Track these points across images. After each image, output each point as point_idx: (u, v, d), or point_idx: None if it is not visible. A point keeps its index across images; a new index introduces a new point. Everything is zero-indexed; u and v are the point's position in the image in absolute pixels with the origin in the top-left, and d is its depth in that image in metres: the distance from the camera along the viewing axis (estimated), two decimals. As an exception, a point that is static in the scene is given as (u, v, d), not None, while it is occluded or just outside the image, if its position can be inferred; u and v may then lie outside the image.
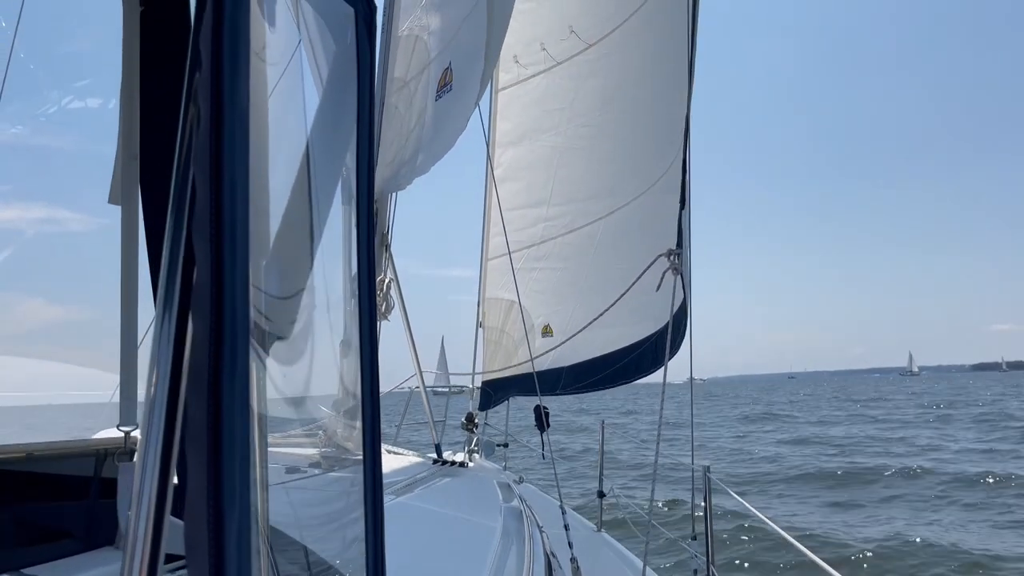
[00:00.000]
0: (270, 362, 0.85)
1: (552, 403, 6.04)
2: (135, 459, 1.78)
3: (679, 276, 3.60)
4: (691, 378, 3.98)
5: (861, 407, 45.51)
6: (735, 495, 3.84)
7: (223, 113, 0.59)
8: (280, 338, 0.93)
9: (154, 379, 0.62)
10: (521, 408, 7.10)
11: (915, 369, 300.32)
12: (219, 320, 0.55)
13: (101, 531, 1.75)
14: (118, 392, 1.82)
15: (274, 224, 0.92)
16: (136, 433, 1.80)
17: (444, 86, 3.66)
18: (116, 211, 1.80)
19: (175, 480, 0.62)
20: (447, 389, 6.68)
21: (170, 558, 0.70)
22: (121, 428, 1.79)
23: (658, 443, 3.54)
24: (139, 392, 1.80)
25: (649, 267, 3.80)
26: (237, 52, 0.61)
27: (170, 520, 0.62)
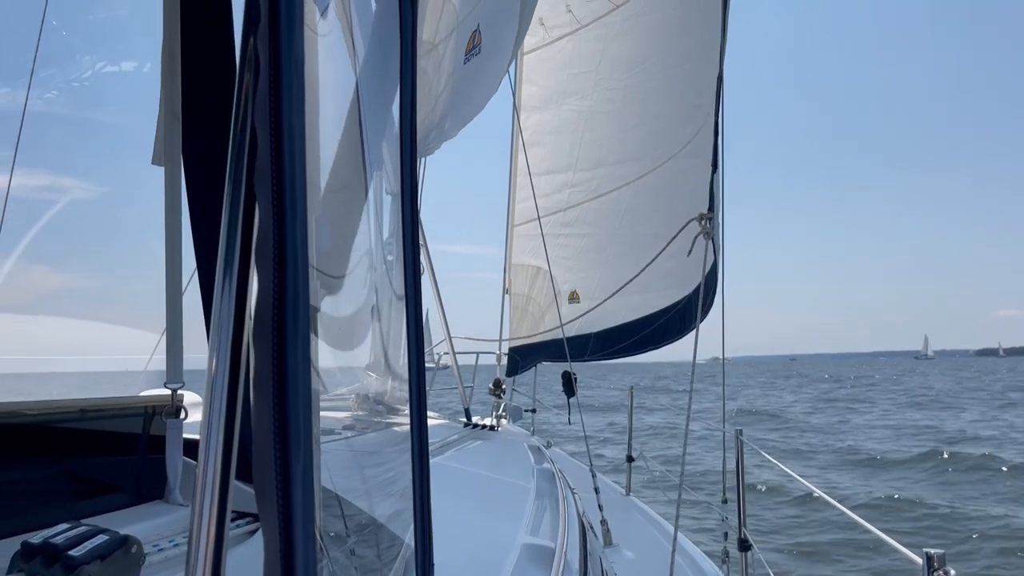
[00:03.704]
0: (321, 316, 0.86)
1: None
2: (201, 410, 1.82)
3: (710, 241, 3.58)
4: (723, 344, 3.97)
5: None
6: (769, 456, 3.85)
7: (281, 65, 0.61)
8: (330, 293, 0.94)
9: (218, 330, 0.63)
10: (545, 373, 7.05)
11: (930, 353, 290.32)
12: (281, 261, 0.57)
13: (151, 485, 1.80)
14: (161, 353, 1.86)
15: (323, 179, 0.93)
16: (183, 391, 1.84)
17: (472, 49, 3.62)
18: (156, 176, 1.82)
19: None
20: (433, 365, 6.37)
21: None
22: (168, 386, 1.83)
23: (689, 404, 3.55)
24: (183, 350, 1.83)
25: (680, 232, 3.77)
26: (292, 8, 0.63)
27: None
